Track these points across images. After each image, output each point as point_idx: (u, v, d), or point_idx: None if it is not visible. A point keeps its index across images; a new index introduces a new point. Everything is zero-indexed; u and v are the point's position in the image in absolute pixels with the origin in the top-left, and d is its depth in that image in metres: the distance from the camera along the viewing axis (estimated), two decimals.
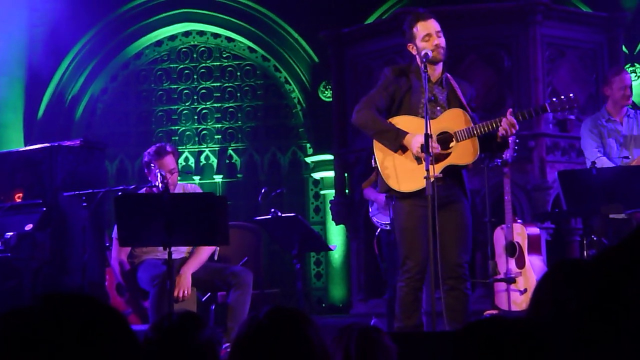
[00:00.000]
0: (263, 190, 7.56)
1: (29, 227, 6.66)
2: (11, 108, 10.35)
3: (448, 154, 5.23)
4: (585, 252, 6.26)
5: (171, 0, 10.91)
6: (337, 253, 10.09)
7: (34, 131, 10.58)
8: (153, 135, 10.92)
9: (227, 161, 11.00)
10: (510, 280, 6.56)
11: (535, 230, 6.85)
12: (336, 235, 10.01)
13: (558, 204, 7.23)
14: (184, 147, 10.96)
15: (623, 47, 8.49)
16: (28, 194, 6.93)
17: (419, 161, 5.16)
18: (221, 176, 10.98)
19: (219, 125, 11.00)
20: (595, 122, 6.98)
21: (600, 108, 7.13)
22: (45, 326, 1.27)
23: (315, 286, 10.59)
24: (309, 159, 10.53)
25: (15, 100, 10.42)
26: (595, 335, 1.23)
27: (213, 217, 5.34)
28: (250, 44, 10.84)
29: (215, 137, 11.00)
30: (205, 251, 6.20)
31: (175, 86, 11.11)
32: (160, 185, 5.96)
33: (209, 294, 6.57)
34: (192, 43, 11.15)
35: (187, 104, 11.07)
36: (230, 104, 11.00)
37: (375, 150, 5.35)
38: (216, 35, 11.04)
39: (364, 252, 8.35)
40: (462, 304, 5.23)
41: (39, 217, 6.73)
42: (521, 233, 6.67)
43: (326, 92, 10.24)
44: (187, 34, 11.14)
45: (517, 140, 6.20)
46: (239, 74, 10.99)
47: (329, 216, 9.16)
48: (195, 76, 11.09)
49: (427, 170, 5.01)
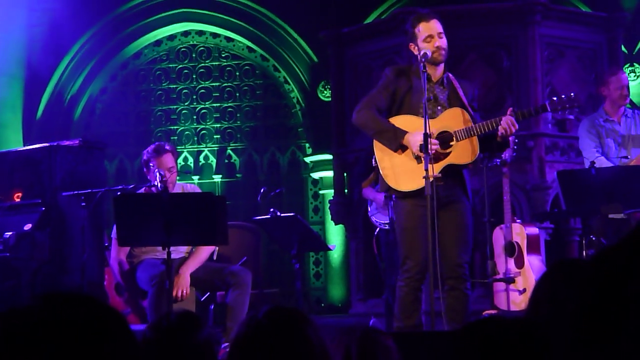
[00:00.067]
0: (262, 190, 7.56)
1: (28, 226, 6.65)
2: (10, 108, 10.35)
3: (448, 154, 5.23)
4: (584, 252, 6.25)
5: (170, 0, 10.91)
6: (336, 253, 10.09)
7: (33, 131, 10.58)
8: (152, 135, 10.91)
9: (226, 161, 11.00)
10: (509, 280, 6.56)
11: (534, 230, 6.84)
12: (335, 235, 10.00)
13: (557, 204, 7.23)
14: (183, 147, 10.96)
15: (622, 47, 8.49)
16: (27, 193, 6.93)
17: (418, 160, 5.16)
18: (220, 176, 10.97)
19: (218, 125, 11.00)
20: (593, 122, 6.99)
21: (598, 108, 7.14)
22: (44, 326, 1.27)
23: (314, 286, 10.59)
24: (308, 159, 10.53)
25: (14, 100, 10.42)
26: (594, 335, 1.23)
27: (212, 217, 5.34)
28: (250, 43, 10.83)
29: (215, 136, 11.00)
30: (204, 251, 6.20)
31: (174, 86, 11.10)
32: (159, 184, 5.96)
33: (208, 293, 6.57)
34: (191, 43, 11.14)
35: (186, 103, 11.07)
36: (230, 104, 10.99)
37: (375, 149, 5.35)
38: (215, 35, 11.04)
39: (363, 252, 8.35)
40: (462, 304, 5.23)
41: (38, 216, 6.72)
42: (520, 233, 6.67)
43: (325, 92, 10.23)
44: (186, 33, 11.14)
45: (516, 140, 6.20)
46: (238, 73, 10.99)
47: (328, 216, 9.15)
48: (194, 76, 11.08)
49: (426, 170, 5.01)
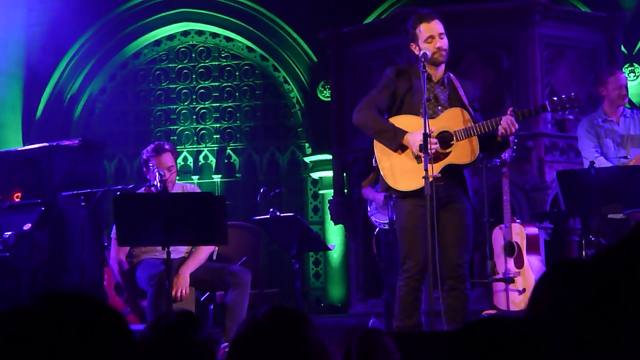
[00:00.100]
0: (262, 190, 7.55)
1: (27, 226, 6.65)
2: (10, 107, 10.34)
3: (448, 154, 5.23)
4: (583, 252, 6.25)
5: (169, 0, 10.90)
6: (335, 253, 10.08)
7: (33, 131, 10.57)
8: (151, 134, 10.91)
9: (226, 161, 10.99)
10: (508, 280, 6.56)
11: (533, 230, 6.84)
12: (335, 234, 10.00)
13: (556, 204, 7.23)
14: (183, 147, 10.95)
15: (622, 47, 8.49)
16: (27, 193, 6.93)
17: (418, 160, 5.16)
18: (220, 176, 10.97)
19: (218, 125, 10.99)
20: (591, 123, 6.98)
21: (597, 108, 7.13)
22: (43, 326, 1.27)
23: (313, 286, 10.59)
24: (307, 159, 10.52)
25: (13, 100, 10.41)
26: (593, 335, 1.23)
27: (212, 217, 5.34)
28: (249, 43, 10.83)
29: (214, 136, 10.99)
30: (204, 251, 6.19)
31: (174, 86, 11.10)
32: (159, 184, 5.95)
33: (208, 293, 6.57)
34: (191, 43, 11.14)
35: (185, 103, 11.07)
36: (229, 104, 10.99)
37: (375, 149, 5.35)
38: (215, 35, 11.03)
39: (362, 252, 8.35)
40: (462, 304, 5.23)
41: (37, 216, 6.72)
42: (520, 233, 6.67)
43: (325, 91, 10.23)
44: (185, 33, 11.13)
45: (516, 140, 6.19)
46: (237, 73, 10.99)
47: (328, 216, 9.15)
48: (194, 76, 11.08)
49: (426, 170, 5.01)
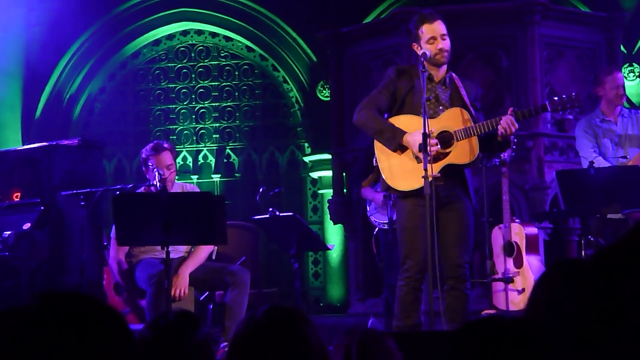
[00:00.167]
0: (261, 190, 7.55)
1: (26, 226, 6.65)
2: (9, 107, 10.34)
3: (447, 154, 5.24)
4: (583, 252, 6.26)
5: None
6: (335, 252, 10.08)
7: (32, 130, 10.57)
8: (151, 134, 10.90)
9: (225, 160, 10.99)
10: (508, 280, 6.56)
11: (533, 230, 6.84)
12: (334, 234, 9.99)
13: (556, 204, 7.23)
14: (182, 147, 10.95)
15: (622, 46, 8.49)
16: (26, 193, 6.93)
17: (418, 160, 5.16)
18: (219, 175, 10.96)
19: (217, 125, 10.99)
20: (589, 123, 6.98)
21: (595, 108, 7.13)
22: (43, 325, 1.27)
23: (313, 285, 10.58)
24: (307, 159, 10.52)
25: (13, 99, 10.41)
26: (593, 335, 1.23)
27: (211, 217, 5.34)
28: (249, 43, 10.83)
29: (213, 136, 10.99)
30: (203, 251, 6.19)
31: (173, 85, 11.10)
32: (158, 184, 5.95)
33: (207, 293, 6.57)
34: (190, 42, 11.13)
35: (185, 103, 11.06)
36: (228, 103, 10.99)
37: (375, 149, 5.36)
38: (214, 35, 11.03)
39: (361, 252, 8.35)
40: (462, 304, 5.23)
41: (37, 216, 6.72)
42: (519, 233, 6.67)
43: (324, 91, 10.23)
44: (185, 33, 11.13)
45: (515, 139, 6.19)
46: (237, 73, 10.98)
47: (327, 215, 9.15)
48: (193, 75, 11.08)
49: (425, 170, 5.01)
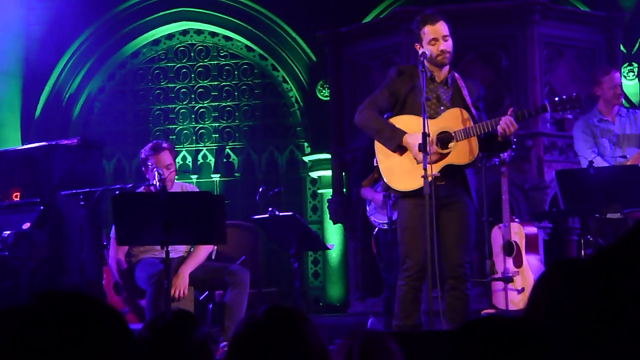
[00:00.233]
0: (260, 189, 7.55)
1: (26, 225, 6.65)
2: (8, 106, 10.33)
3: (447, 154, 5.23)
4: (582, 252, 6.26)
5: None
6: (334, 252, 10.08)
7: (32, 130, 10.57)
8: (150, 134, 10.90)
9: (225, 160, 10.99)
10: (507, 279, 6.56)
11: (532, 229, 6.84)
12: (334, 234, 9.99)
13: (555, 203, 7.23)
14: (182, 146, 10.95)
15: (621, 46, 8.49)
16: (25, 192, 6.93)
17: (418, 161, 5.16)
18: (219, 175, 10.96)
19: (217, 124, 10.99)
20: (587, 123, 6.97)
21: (592, 108, 7.12)
22: (42, 325, 1.27)
23: (312, 285, 10.58)
24: (306, 158, 10.52)
25: (12, 99, 10.41)
26: (593, 335, 1.23)
27: (211, 216, 5.33)
28: (248, 42, 10.82)
29: (213, 136, 10.99)
30: (203, 251, 6.19)
31: (173, 85, 11.09)
32: (158, 183, 5.95)
33: (207, 292, 6.57)
34: (190, 42, 11.13)
35: (184, 102, 11.06)
36: (228, 103, 10.99)
37: (376, 149, 5.37)
38: (214, 34, 11.03)
39: (361, 251, 8.35)
40: (462, 304, 5.23)
41: (36, 215, 6.72)
42: (519, 232, 6.67)
43: (324, 91, 10.23)
44: (184, 32, 11.13)
45: (515, 139, 6.19)
46: (236, 72, 10.98)
47: (327, 215, 9.15)
48: (193, 75, 11.08)
49: (425, 169, 5.01)
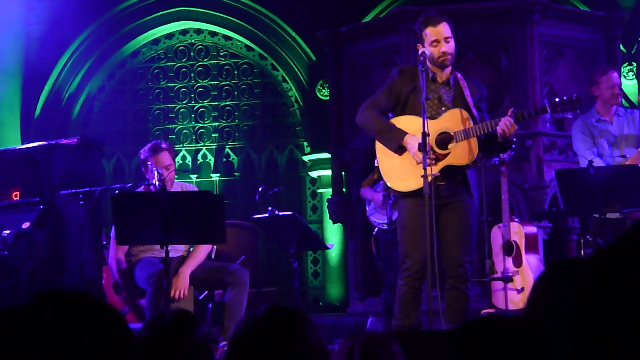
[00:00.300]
0: (260, 189, 7.54)
1: (26, 225, 6.65)
2: (8, 106, 10.33)
3: (447, 155, 5.24)
4: (582, 252, 6.26)
5: None
6: (334, 252, 10.08)
7: (31, 129, 10.57)
8: (150, 133, 10.90)
9: (225, 160, 10.98)
10: (507, 279, 6.56)
11: (532, 229, 6.84)
12: (333, 234, 9.99)
13: (555, 203, 7.23)
14: (181, 146, 10.95)
15: (621, 46, 8.49)
16: (25, 192, 6.93)
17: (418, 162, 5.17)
18: (218, 175, 10.96)
19: (217, 124, 10.99)
20: (585, 123, 6.95)
21: (590, 109, 7.11)
22: (42, 324, 1.27)
23: (312, 285, 10.58)
24: (306, 158, 10.52)
25: (12, 98, 10.40)
26: (593, 335, 1.23)
27: (210, 216, 5.34)
28: (248, 42, 10.82)
29: (213, 135, 10.99)
30: (203, 251, 6.19)
31: (173, 85, 11.09)
32: (158, 183, 5.95)
33: (206, 292, 6.57)
34: (190, 41, 11.13)
35: (184, 102, 11.06)
36: (228, 103, 10.99)
37: (377, 150, 5.37)
38: (214, 34, 11.03)
39: (361, 251, 8.35)
40: (462, 304, 5.23)
41: (36, 215, 6.72)
42: (518, 232, 6.67)
43: (324, 90, 10.23)
44: (184, 32, 11.13)
45: (515, 139, 6.19)
46: (236, 72, 10.98)
47: (327, 215, 9.15)
48: (193, 75, 11.08)
49: (425, 170, 5.01)
